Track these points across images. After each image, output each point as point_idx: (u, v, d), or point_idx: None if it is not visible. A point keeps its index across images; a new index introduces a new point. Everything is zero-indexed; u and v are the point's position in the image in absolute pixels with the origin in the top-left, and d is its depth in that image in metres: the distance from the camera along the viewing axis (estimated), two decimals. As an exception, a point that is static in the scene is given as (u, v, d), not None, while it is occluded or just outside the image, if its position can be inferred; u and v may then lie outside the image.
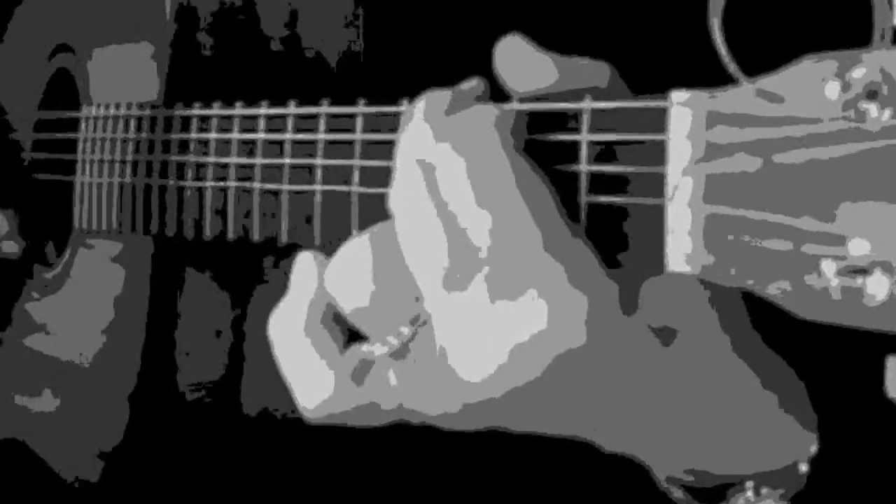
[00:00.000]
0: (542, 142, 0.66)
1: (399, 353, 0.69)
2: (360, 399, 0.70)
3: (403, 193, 0.67)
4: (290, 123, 0.85)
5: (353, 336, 0.72)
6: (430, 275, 0.66)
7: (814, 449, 0.70)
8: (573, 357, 0.62)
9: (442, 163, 0.65)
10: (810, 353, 0.70)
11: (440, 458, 0.90)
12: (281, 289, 0.75)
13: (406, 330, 0.68)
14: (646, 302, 0.65)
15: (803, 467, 0.70)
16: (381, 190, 0.73)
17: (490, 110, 0.66)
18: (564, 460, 0.74)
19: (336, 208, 0.79)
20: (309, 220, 0.82)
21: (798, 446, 0.70)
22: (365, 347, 0.70)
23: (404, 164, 0.68)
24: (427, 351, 0.67)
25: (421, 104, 0.69)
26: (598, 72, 0.68)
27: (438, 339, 0.66)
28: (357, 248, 0.70)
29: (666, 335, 0.65)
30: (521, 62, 0.69)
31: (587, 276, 0.63)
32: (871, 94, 0.53)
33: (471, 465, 0.92)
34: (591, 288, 0.63)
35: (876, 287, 0.53)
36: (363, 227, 0.73)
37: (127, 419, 1.01)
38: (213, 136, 0.93)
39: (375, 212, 0.74)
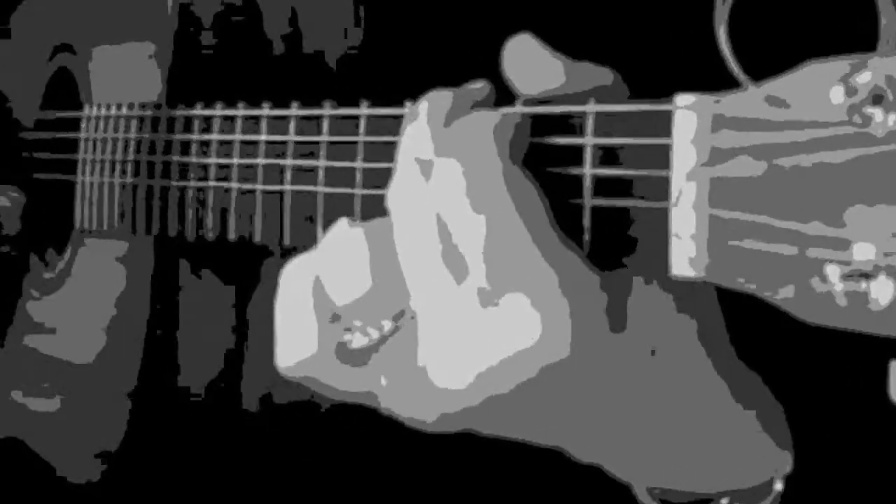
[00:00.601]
0: (546, 145, 0.66)
1: (376, 348, 0.69)
2: (334, 377, 0.70)
3: (401, 192, 0.67)
4: (292, 125, 0.84)
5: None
6: (420, 275, 0.66)
7: (789, 468, 0.70)
8: (558, 368, 0.62)
9: (439, 167, 0.65)
10: (810, 357, 0.70)
11: (440, 456, 0.90)
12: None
13: (388, 324, 0.68)
14: (631, 316, 0.65)
15: (778, 485, 0.70)
16: (383, 192, 0.73)
17: (490, 117, 0.66)
18: (548, 459, 0.74)
19: (338, 210, 0.79)
20: (311, 221, 0.81)
21: (773, 464, 0.70)
22: (346, 336, 0.70)
23: (404, 163, 0.68)
24: (406, 349, 0.67)
25: (424, 104, 0.69)
26: (601, 77, 0.68)
27: (422, 342, 0.65)
28: (352, 241, 0.70)
29: (648, 350, 0.65)
30: (531, 62, 0.69)
31: (575, 287, 0.62)
32: (877, 99, 0.53)
33: (471, 465, 0.92)
34: (579, 300, 0.62)
35: (880, 291, 0.52)
36: (366, 228, 0.73)
37: (127, 419, 1.01)
38: (214, 136, 0.93)
39: (378, 213, 0.74)
